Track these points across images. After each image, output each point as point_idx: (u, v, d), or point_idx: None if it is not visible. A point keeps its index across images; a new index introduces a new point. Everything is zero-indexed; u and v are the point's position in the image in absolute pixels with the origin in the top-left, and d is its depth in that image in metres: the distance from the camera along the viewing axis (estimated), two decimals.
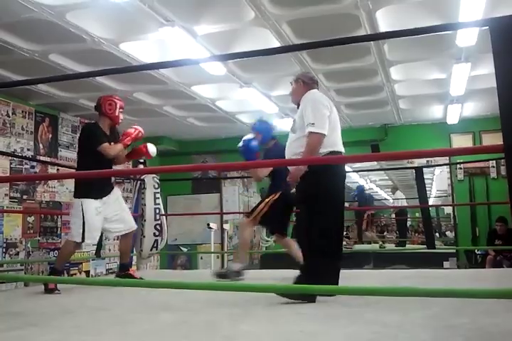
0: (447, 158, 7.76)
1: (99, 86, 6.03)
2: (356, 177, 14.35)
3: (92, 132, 3.96)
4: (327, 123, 3.07)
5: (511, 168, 1.76)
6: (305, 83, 3.41)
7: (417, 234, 11.49)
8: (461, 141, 8.06)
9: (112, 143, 3.99)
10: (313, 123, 3.03)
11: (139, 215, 5.35)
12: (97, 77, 5.66)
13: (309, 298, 2.78)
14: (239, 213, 10.35)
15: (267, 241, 10.07)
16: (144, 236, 5.20)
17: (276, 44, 4.82)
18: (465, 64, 5.45)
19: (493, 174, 7.97)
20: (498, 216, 7.21)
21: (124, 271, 4.16)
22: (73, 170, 6.25)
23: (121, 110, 4.09)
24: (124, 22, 4.46)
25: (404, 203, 11.81)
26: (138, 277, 4.00)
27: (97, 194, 3.86)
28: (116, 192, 4.10)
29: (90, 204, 3.78)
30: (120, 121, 4.12)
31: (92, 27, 4.54)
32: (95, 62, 5.18)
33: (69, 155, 7.36)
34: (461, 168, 8.16)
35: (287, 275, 3.71)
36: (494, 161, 7.42)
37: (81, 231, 3.73)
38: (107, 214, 3.92)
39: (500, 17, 1.82)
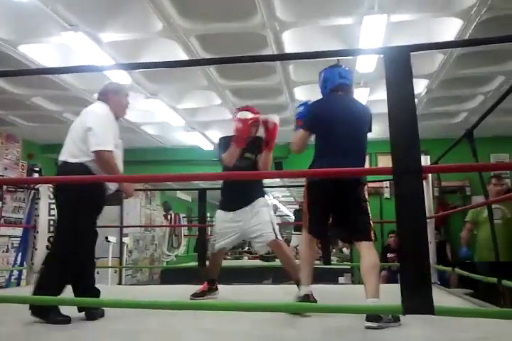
0: None
1: None
2: None
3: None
4: None
5: (398, 189, 1.86)
6: None
7: None
8: None
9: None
10: None
11: (31, 227, 5.07)
12: None
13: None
14: (140, 227, 10.13)
15: (168, 255, 9.89)
16: (36, 249, 4.92)
17: (183, 56, 4.81)
18: (364, 89, 5.76)
19: (387, 194, 8.41)
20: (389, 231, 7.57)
21: None
22: None
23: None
24: (24, 23, 4.26)
25: None
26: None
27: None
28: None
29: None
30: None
31: None
32: None
33: None
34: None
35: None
36: (388, 182, 7.82)
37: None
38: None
39: (394, 46, 1.93)
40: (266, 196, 3.73)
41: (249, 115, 3.43)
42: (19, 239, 6.80)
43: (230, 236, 3.63)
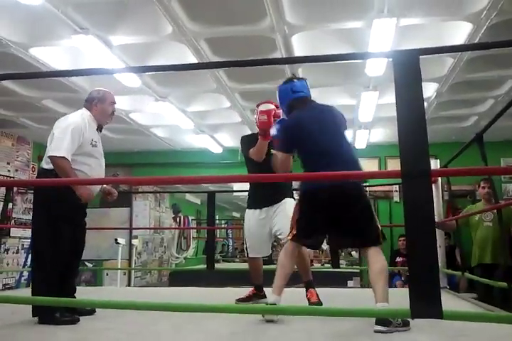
0: None
1: (5, 90, 5.73)
2: None
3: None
4: None
5: (407, 193, 1.85)
6: None
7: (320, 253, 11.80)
8: (368, 165, 8.41)
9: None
10: None
11: None
12: (3, 81, 5.37)
13: None
14: (149, 229, 10.16)
15: (177, 257, 9.91)
16: None
17: (193, 60, 4.83)
18: (373, 92, 5.75)
19: (396, 198, 8.37)
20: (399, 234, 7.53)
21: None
22: None
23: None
24: (36, 26, 4.29)
25: None
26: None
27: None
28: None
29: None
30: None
31: (0, 29, 4.31)
32: (2, 65, 4.91)
33: None
34: (366, 191, 8.49)
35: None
36: (397, 186, 7.78)
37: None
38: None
39: (403, 50, 1.94)
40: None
41: (271, 106, 3.29)
42: (29, 240, 6.85)
43: (261, 240, 3.49)
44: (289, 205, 3.35)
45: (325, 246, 11.13)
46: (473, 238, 5.01)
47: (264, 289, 3.55)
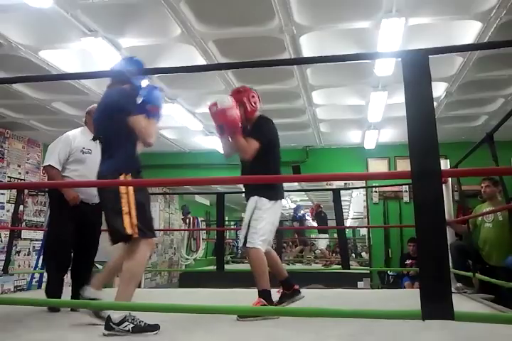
0: (364, 181, 8.02)
1: (15, 93, 5.77)
2: None
3: None
4: None
5: (417, 193, 1.84)
6: None
7: (334, 254, 11.80)
8: (377, 165, 8.39)
9: None
10: None
11: None
12: (13, 84, 5.41)
13: None
14: (158, 230, 10.19)
15: (187, 259, 9.93)
16: None
17: (201, 61, 4.84)
18: (382, 92, 5.73)
19: (406, 198, 8.33)
20: (409, 238, 7.49)
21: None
22: None
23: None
24: (45, 29, 4.32)
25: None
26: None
27: None
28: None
29: None
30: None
31: (10, 32, 4.35)
32: (12, 68, 4.96)
33: None
34: (376, 192, 8.47)
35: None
36: (407, 186, 7.75)
37: None
38: None
39: (411, 50, 1.92)
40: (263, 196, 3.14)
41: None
42: (40, 242, 6.90)
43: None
44: (250, 205, 3.16)
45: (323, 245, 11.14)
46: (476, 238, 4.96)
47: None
